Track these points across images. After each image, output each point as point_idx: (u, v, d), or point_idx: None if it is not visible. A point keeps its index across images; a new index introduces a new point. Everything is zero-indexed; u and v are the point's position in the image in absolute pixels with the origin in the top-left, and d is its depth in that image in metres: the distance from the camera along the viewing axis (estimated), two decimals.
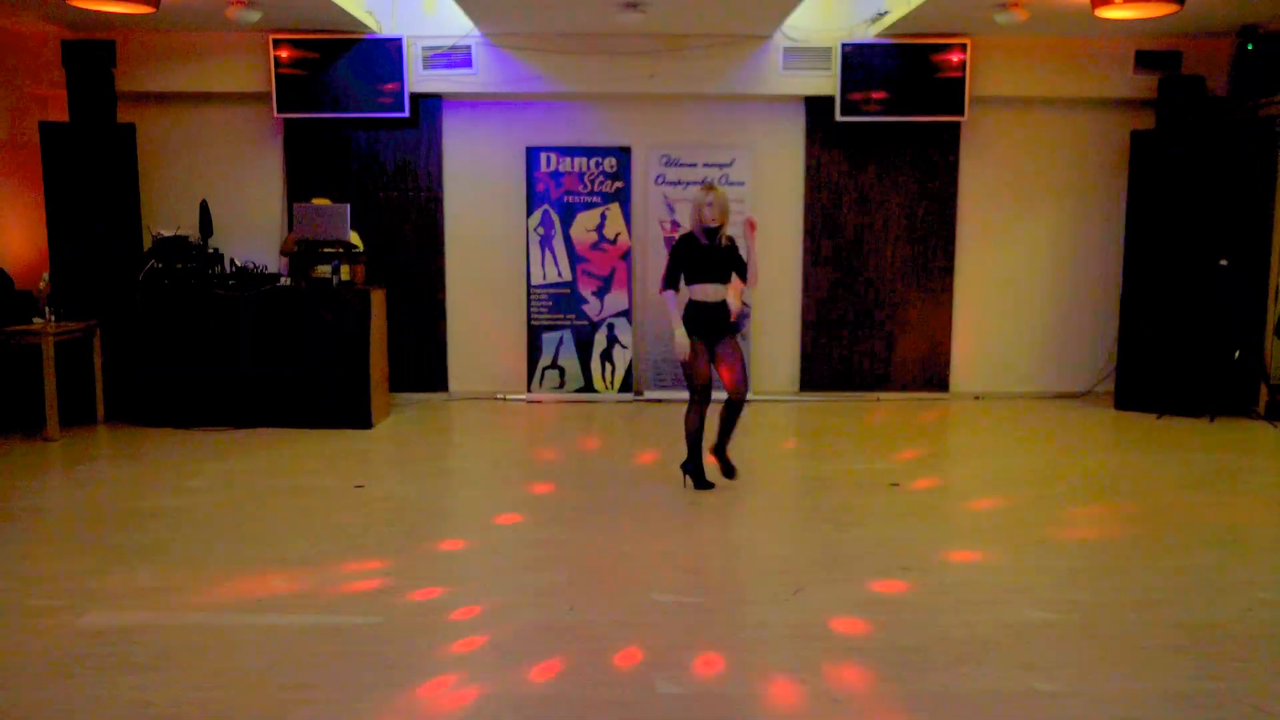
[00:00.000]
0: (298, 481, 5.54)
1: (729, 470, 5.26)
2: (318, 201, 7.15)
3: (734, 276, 5.14)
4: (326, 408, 6.87)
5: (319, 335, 6.83)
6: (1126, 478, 5.81)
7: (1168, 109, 7.61)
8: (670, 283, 5.11)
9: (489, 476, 5.91)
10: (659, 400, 8.04)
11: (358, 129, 7.97)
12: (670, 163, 8.04)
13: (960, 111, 7.86)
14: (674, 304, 5.10)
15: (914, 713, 2.90)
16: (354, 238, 7.30)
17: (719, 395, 5.07)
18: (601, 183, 8.04)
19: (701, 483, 5.19)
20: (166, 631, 3.44)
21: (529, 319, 8.13)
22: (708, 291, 5.06)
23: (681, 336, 5.03)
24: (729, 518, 4.85)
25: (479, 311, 8.27)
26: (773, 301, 8.27)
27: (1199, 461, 6.16)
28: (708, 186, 5.09)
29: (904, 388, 8.33)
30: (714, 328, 5.09)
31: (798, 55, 7.82)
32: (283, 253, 7.51)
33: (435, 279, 8.17)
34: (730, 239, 5.14)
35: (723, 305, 5.09)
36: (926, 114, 7.88)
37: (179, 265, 6.98)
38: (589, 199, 8.05)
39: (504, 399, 8.17)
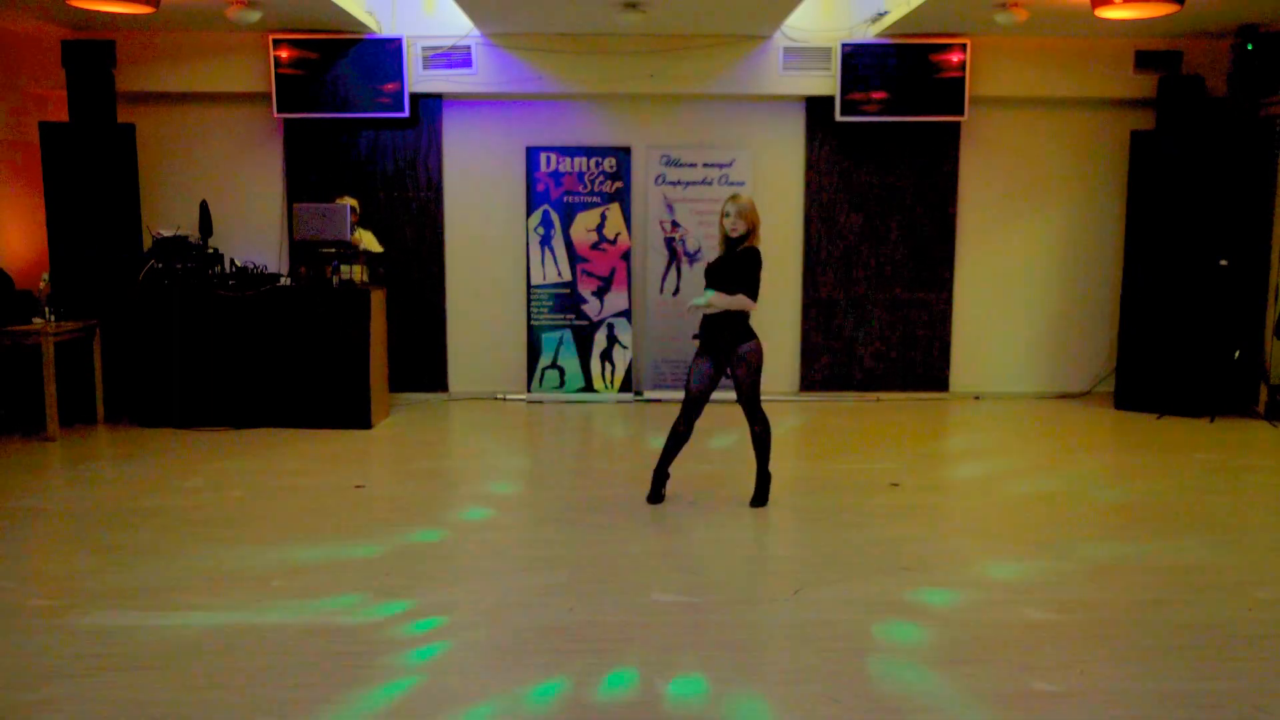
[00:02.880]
0: (298, 481, 5.54)
1: (756, 497, 5.00)
2: (343, 201, 7.09)
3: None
4: (326, 408, 6.87)
5: (319, 335, 6.84)
6: (1126, 478, 5.81)
7: (1168, 109, 7.61)
8: None
9: (489, 477, 5.91)
10: (659, 400, 8.04)
11: (358, 129, 7.97)
12: (670, 163, 8.04)
13: (960, 111, 7.86)
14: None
15: (914, 713, 2.90)
16: (370, 239, 7.31)
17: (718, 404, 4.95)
18: (601, 183, 8.04)
19: (653, 495, 5.06)
20: (166, 631, 3.44)
21: (529, 319, 8.14)
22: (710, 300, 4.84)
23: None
24: (729, 518, 4.85)
25: (479, 311, 8.27)
26: (772, 301, 8.27)
27: (1199, 461, 6.16)
28: (732, 196, 4.90)
29: (904, 388, 8.33)
30: (715, 343, 4.86)
31: (798, 55, 7.82)
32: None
33: (435, 279, 8.18)
34: (754, 248, 4.90)
35: (722, 316, 4.85)
36: (926, 114, 7.88)
37: (179, 265, 6.98)
38: (589, 199, 8.06)
39: (504, 399, 8.17)
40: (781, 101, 8.10)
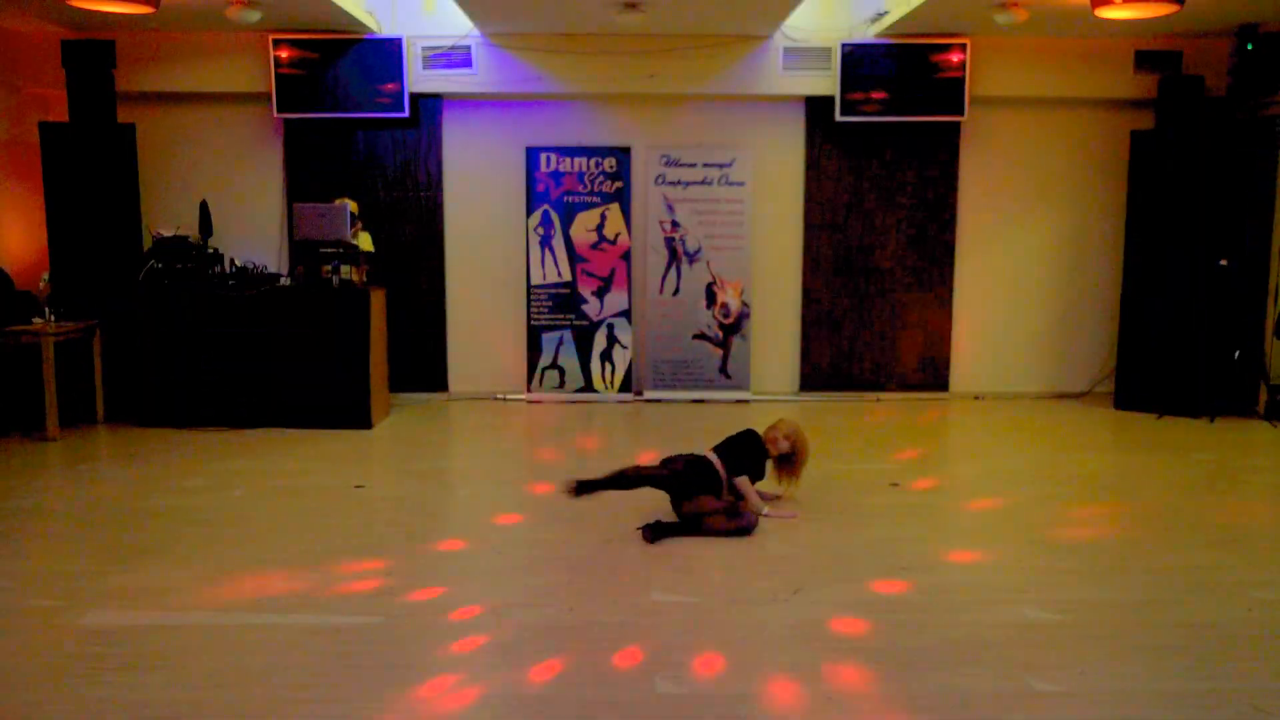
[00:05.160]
0: (298, 481, 5.54)
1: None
2: (340, 202, 7.10)
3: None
4: (326, 408, 6.86)
5: (319, 335, 6.83)
6: (1126, 478, 5.81)
7: (1168, 109, 7.61)
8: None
9: (489, 477, 5.91)
10: (659, 400, 8.04)
11: (357, 129, 7.97)
12: (670, 163, 8.04)
13: (960, 111, 7.86)
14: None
15: (914, 713, 2.90)
16: (366, 240, 7.30)
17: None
18: (601, 183, 8.04)
19: (579, 490, 4.69)
20: (166, 631, 3.44)
21: (529, 319, 8.14)
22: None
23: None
24: None
25: (479, 311, 8.27)
26: (773, 302, 8.28)
27: (1199, 461, 6.15)
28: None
29: (904, 388, 8.34)
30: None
31: (798, 55, 7.82)
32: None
33: (435, 279, 8.18)
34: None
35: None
36: (926, 114, 7.88)
37: (179, 265, 6.98)
38: (589, 199, 8.06)
39: (504, 399, 8.17)
40: (781, 101, 8.10)
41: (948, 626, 3.50)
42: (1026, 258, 8.38)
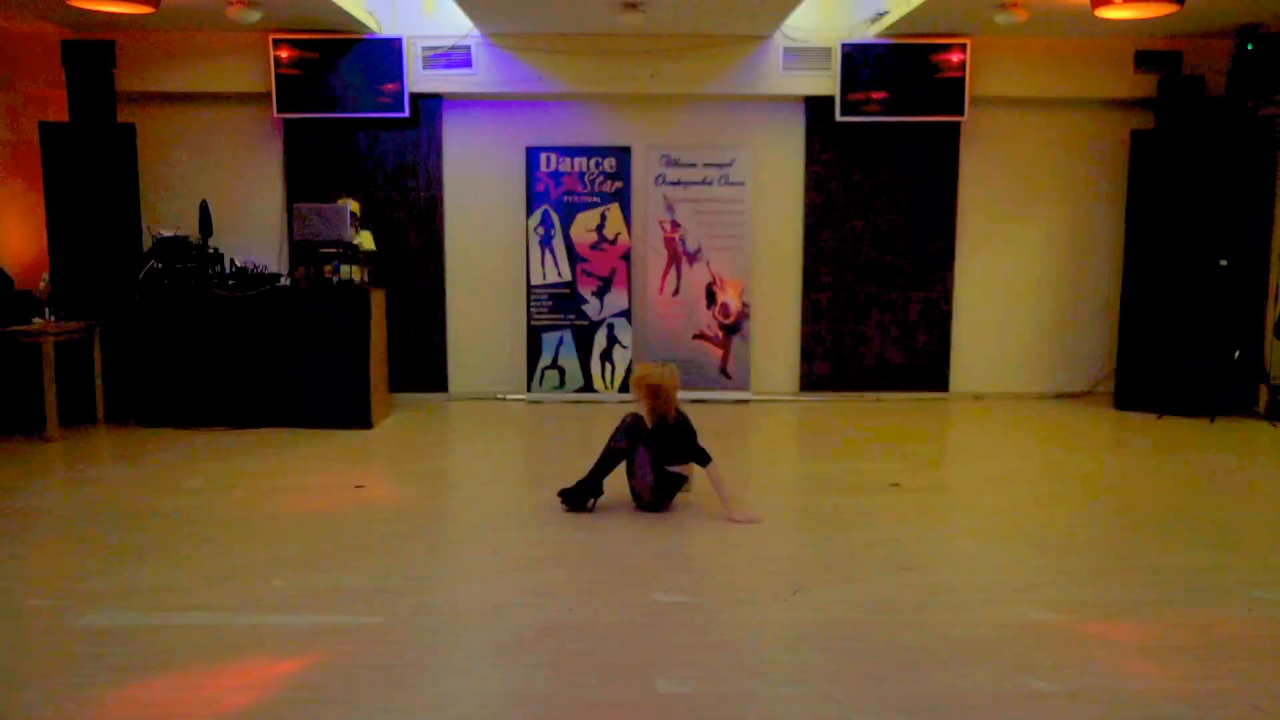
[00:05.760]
0: (298, 481, 5.54)
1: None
2: (343, 201, 7.10)
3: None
4: (326, 408, 6.86)
5: (319, 335, 6.83)
6: (1126, 478, 5.81)
7: (1168, 109, 7.61)
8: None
9: (488, 477, 5.91)
10: None
11: (357, 129, 7.97)
12: (670, 163, 8.04)
13: (960, 111, 7.86)
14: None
15: (914, 713, 2.90)
16: (367, 238, 7.31)
17: None
18: (601, 183, 8.04)
19: (575, 503, 4.97)
20: (166, 631, 3.44)
21: (529, 319, 8.14)
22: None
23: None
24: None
25: (479, 311, 8.27)
26: (773, 302, 8.28)
27: (1199, 461, 6.15)
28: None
29: (904, 388, 8.34)
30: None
31: (798, 55, 7.82)
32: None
33: (435, 279, 8.18)
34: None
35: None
36: (926, 114, 7.88)
37: (179, 265, 6.98)
38: (589, 199, 8.06)
39: (504, 399, 8.17)
40: (781, 101, 8.10)
41: (948, 626, 3.50)
42: (1026, 258, 8.38)
